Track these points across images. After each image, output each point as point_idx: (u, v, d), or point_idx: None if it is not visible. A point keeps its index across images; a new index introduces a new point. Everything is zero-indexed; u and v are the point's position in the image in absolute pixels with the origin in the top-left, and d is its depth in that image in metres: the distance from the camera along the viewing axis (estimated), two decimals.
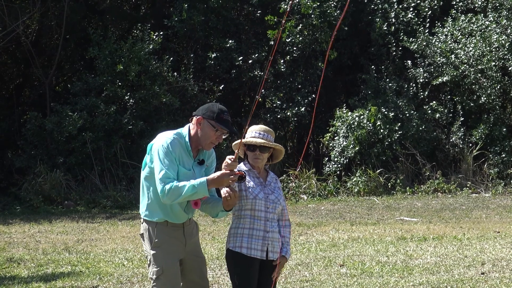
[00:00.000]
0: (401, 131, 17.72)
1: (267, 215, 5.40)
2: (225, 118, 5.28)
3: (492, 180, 17.48)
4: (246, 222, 5.39)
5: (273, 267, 5.43)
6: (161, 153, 5.20)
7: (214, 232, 12.42)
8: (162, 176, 5.15)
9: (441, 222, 13.24)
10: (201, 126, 5.29)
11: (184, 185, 5.11)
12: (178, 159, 5.24)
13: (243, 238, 5.37)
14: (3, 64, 20.40)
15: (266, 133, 5.45)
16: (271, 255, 5.40)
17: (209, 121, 5.27)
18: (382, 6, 19.04)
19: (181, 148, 5.27)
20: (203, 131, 5.30)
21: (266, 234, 5.38)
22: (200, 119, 5.29)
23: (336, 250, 10.46)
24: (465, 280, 8.37)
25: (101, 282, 8.66)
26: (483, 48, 17.82)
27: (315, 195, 17.13)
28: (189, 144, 5.30)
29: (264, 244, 5.37)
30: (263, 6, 19.63)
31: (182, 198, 5.14)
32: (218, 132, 5.27)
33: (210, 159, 5.49)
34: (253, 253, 5.35)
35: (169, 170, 5.17)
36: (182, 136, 5.32)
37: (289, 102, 18.88)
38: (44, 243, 11.64)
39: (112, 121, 17.38)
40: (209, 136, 5.29)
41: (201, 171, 5.37)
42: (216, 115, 5.27)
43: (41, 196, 16.34)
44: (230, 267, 5.42)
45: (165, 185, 5.13)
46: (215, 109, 5.31)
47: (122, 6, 21.39)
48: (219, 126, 5.26)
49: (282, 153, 5.56)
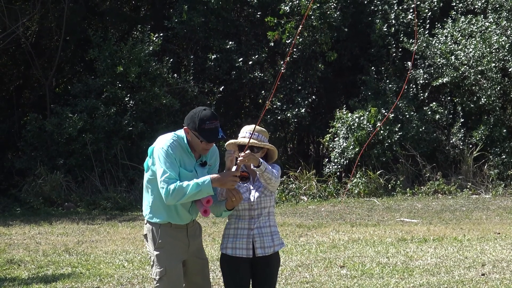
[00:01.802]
0: (401, 132, 17.72)
1: (251, 212, 5.39)
2: (208, 127, 5.20)
3: (492, 182, 17.47)
4: (231, 223, 5.46)
5: (266, 261, 5.43)
6: (162, 155, 5.21)
7: (214, 234, 12.42)
8: (165, 178, 5.17)
9: (441, 224, 13.24)
10: (189, 136, 5.29)
11: (188, 184, 5.13)
12: (179, 161, 5.25)
13: (228, 238, 5.43)
14: (3, 66, 20.39)
15: (258, 133, 5.42)
16: (260, 251, 5.39)
17: (193, 132, 5.25)
18: (382, 7, 19.05)
19: (181, 150, 5.29)
20: (192, 140, 5.30)
21: (250, 232, 5.38)
22: (187, 129, 5.28)
23: (337, 252, 10.46)
24: (466, 281, 8.37)
25: (101, 284, 8.66)
26: (483, 49, 17.82)
27: (315, 197, 17.13)
28: (188, 146, 5.31)
29: (248, 242, 5.38)
30: (263, 7, 19.63)
31: (187, 198, 5.15)
32: (204, 143, 5.26)
33: (213, 158, 5.49)
34: (237, 252, 5.38)
35: (171, 171, 5.18)
36: (181, 138, 5.33)
37: (289, 103, 18.88)
38: (44, 244, 11.64)
39: (112, 122, 17.38)
40: (197, 144, 5.29)
41: (204, 171, 5.37)
42: (198, 126, 5.20)
43: (41, 197, 16.34)
44: (221, 268, 5.50)
45: (168, 185, 5.14)
46: (197, 119, 5.22)
47: (122, 7, 21.38)
48: (201, 139, 5.23)
49: (275, 153, 5.54)
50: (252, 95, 20.48)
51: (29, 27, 19.36)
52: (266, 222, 5.44)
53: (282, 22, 18.84)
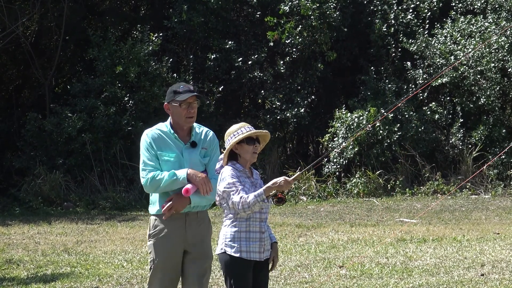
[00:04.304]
0: (400, 132, 17.72)
1: (262, 215, 5.44)
2: (181, 90, 5.58)
3: (491, 182, 17.47)
4: (242, 225, 5.41)
5: (266, 263, 5.49)
6: (142, 147, 5.58)
7: (214, 234, 12.40)
8: (142, 167, 5.53)
9: (440, 224, 13.24)
10: (170, 111, 5.63)
11: (164, 175, 5.45)
12: (159, 148, 5.54)
13: (241, 241, 5.39)
14: (3, 65, 20.38)
15: (251, 127, 5.50)
16: (266, 254, 5.47)
17: (172, 103, 5.59)
18: (382, 7, 19.04)
19: (163, 137, 5.59)
20: (174, 113, 5.62)
21: (262, 235, 5.42)
22: (166, 105, 5.64)
23: (336, 252, 10.46)
24: (465, 282, 8.37)
25: (100, 284, 8.66)
26: (483, 50, 17.82)
27: (314, 197, 17.13)
28: (172, 131, 5.60)
29: (261, 246, 5.41)
30: (263, 7, 19.62)
31: (163, 187, 5.46)
32: (183, 105, 5.56)
33: (207, 143, 5.69)
34: (252, 256, 5.38)
35: (150, 161, 5.52)
36: (165, 126, 5.66)
37: (289, 103, 18.87)
38: (43, 244, 11.63)
39: (112, 122, 17.37)
40: (180, 114, 5.60)
41: (193, 153, 5.60)
42: (174, 93, 5.59)
43: (40, 197, 16.34)
44: (228, 271, 5.41)
45: (146, 175, 5.49)
46: (171, 90, 5.63)
47: (121, 7, 21.38)
48: (180, 100, 5.54)
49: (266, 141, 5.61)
50: (252, 95, 20.47)
51: (28, 27, 19.35)
52: (267, 227, 5.53)
53: (281, 22, 18.83)
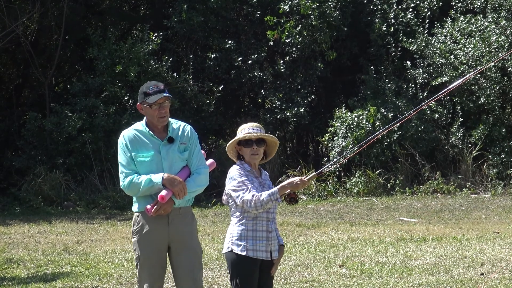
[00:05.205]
0: (400, 132, 17.72)
1: (269, 215, 5.49)
2: (151, 92, 5.53)
3: (491, 181, 17.47)
4: (249, 224, 5.44)
5: (272, 263, 5.53)
6: (119, 149, 5.59)
7: (213, 233, 12.43)
8: (120, 170, 5.54)
9: (440, 223, 13.25)
10: (143, 111, 5.61)
11: (142, 180, 5.46)
12: (135, 149, 5.53)
13: (248, 240, 5.41)
14: (3, 65, 20.38)
15: (258, 128, 5.56)
16: (275, 254, 5.50)
17: (143, 104, 5.56)
18: (382, 6, 19.04)
19: (139, 136, 5.58)
20: (146, 113, 5.62)
21: (269, 235, 5.46)
22: (139, 106, 5.61)
23: (336, 251, 10.47)
24: (465, 281, 8.38)
25: (100, 283, 8.67)
26: (483, 49, 17.83)
27: (314, 196, 17.14)
28: (148, 129, 5.59)
29: (268, 245, 5.44)
30: (263, 6, 19.62)
31: (142, 192, 5.49)
32: (154, 106, 5.54)
33: (185, 138, 5.69)
34: (258, 254, 5.41)
35: (127, 164, 5.52)
36: (141, 124, 5.64)
37: (289, 102, 18.88)
38: (44, 243, 11.64)
39: (112, 121, 17.37)
40: (152, 114, 5.58)
41: (171, 149, 5.59)
42: (144, 95, 5.54)
43: (40, 196, 16.34)
44: (234, 269, 5.42)
45: (124, 178, 5.52)
46: (142, 91, 5.57)
47: (121, 6, 21.38)
48: (150, 102, 5.51)
49: (275, 147, 5.64)
50: (252, 94, 20.48)
51: (28, 26, 19.35)
52: (274, 225, 5.55)
53: (281, 21, 18.84)
